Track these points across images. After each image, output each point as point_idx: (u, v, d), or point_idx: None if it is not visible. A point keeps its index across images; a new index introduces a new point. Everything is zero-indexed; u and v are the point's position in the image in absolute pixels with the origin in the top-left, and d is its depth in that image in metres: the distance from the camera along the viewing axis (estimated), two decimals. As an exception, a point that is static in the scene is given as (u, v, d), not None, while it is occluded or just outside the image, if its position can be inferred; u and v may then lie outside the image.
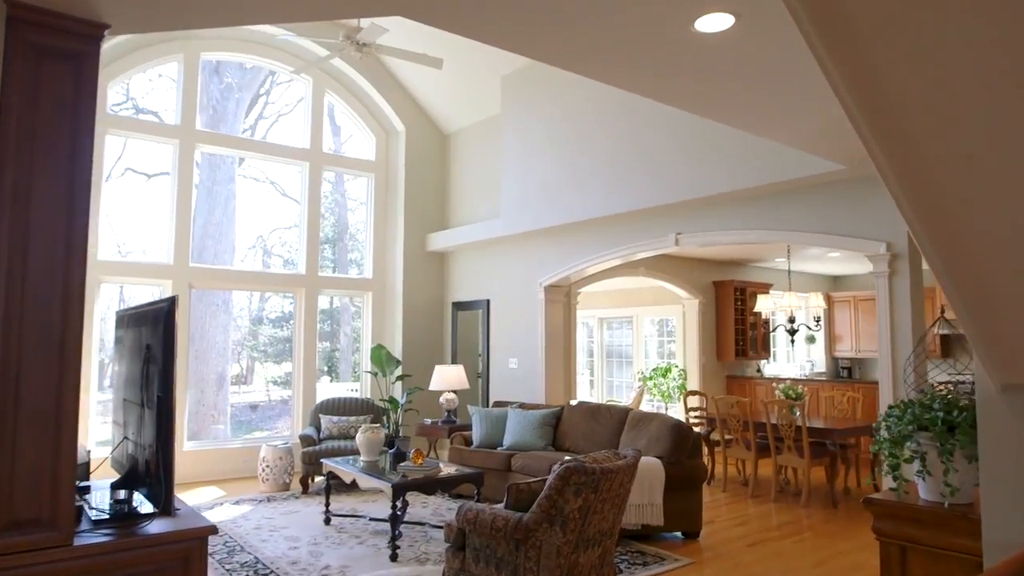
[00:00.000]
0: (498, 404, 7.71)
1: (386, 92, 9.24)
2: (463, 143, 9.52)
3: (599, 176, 7.00)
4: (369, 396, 9.09)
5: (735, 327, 10.47)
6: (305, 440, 7.29)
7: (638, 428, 6.04)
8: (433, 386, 7.93)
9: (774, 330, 8.03)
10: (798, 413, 7.20)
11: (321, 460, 6.29)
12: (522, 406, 7.45)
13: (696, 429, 6.80)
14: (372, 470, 5.57)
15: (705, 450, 7.38)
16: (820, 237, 5.45)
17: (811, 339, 12.69)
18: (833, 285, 12.98)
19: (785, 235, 5.66)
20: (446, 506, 6.62)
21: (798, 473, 7.60)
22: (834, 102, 3.71)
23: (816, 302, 7.63)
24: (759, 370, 11.08)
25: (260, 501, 6.79)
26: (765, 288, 11.05)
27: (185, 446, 7.82)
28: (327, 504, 5.98)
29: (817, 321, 7.66)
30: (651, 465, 5.44)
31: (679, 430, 5.61)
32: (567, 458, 3.98)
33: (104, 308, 7.88)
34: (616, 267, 8.91)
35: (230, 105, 10.19)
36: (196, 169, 8.27)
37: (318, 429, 7.76)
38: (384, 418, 8.24)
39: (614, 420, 6.50)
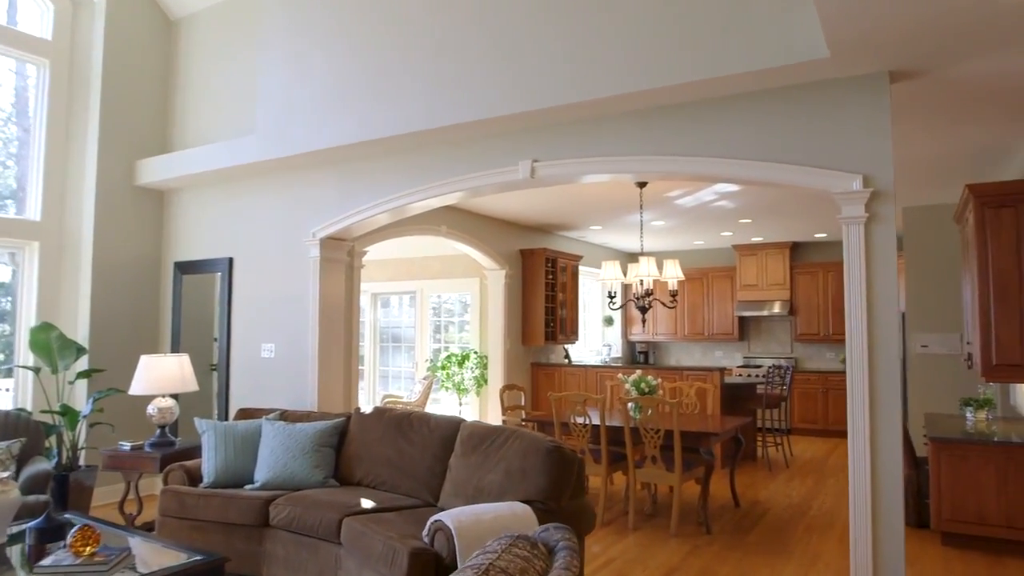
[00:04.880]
0: (245, 414, 5.07)
1: (69, -67, 5.95)
2: (200, 31, 6.53)
3: (412, 74, 4.69)
4: (27, 407, 5.81)
5: (545, 305, 8.78)
6: None
7: (484, 452, 3.88)
8: (137, 389, 4.98)
9: (621, 306, 6.42)
10: (650, 412, 5.61)
11: None
12: (284, 416, 4.91)
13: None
14: (-20, 573, 2.74)
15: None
16: (762, 167, 3.74)
17: (609, 321, 11.55)
18: (629, 261, 11.98)
19: (709, 163, 3.86)
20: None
21: (653, 489, 6.02)
22: None
23: (673, 272, 6.10)
24: (567, 356, 9.55)
25: None
26: (576, 260, 9.53)
27: None
28: None
29: (674, 296, 6.15)
30: (519, 516, 3.33)
31: (558, 457, 3.55)
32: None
33: None
34: (413, 222, 6.66)
35: None
36: None
37: (-87, 468, 4.46)
38: (49, 443, 5.13)
39: (436, 438, 4.28)
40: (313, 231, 5.54)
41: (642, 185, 6.24)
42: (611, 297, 6.20)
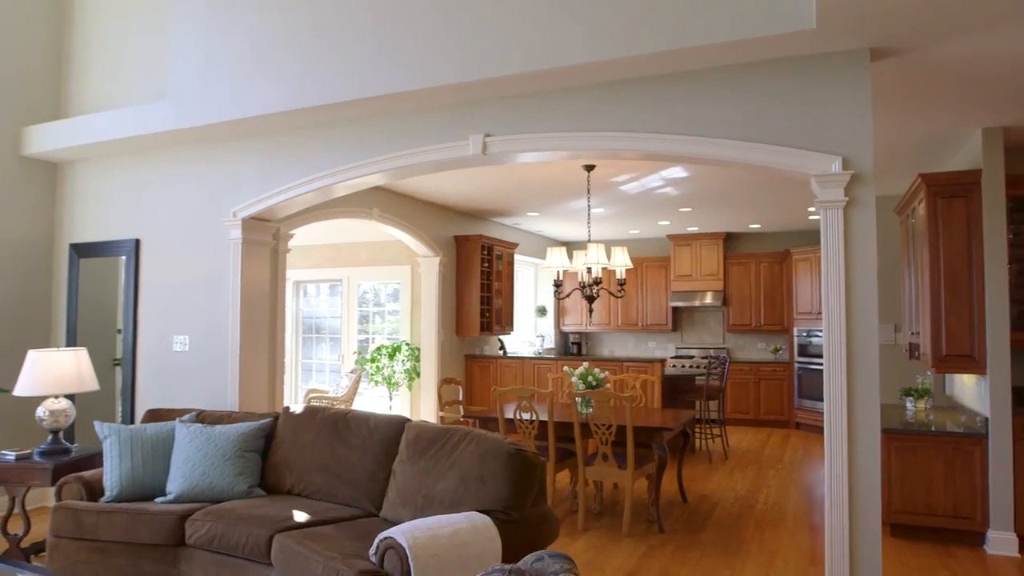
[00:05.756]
0: (155, 416, 4.49)
1: None
2: (97, -15, 5.80)
3: (347, 35, 4.22)
4: None
5: (481, 294, 8.42)
6: None
7: (434, 456, 3.49)
8: (24, 388, 4.30)
9: (567, 295, 6.14)
10: (600, 406, 5.36)
11: None
12: (201, 418, 4.37)
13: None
14: None
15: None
16: (734, 146, 3.49)
17: (542, 311, 11.30)
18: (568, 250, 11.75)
19: (678, 142, 3.59)
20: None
21: (599, 487, 5.76)
22: None
23: (622, 260, 5.85)
24: (502, 347, 9.22)
25: None
26: (512, 247, 9.21)
27: None
28: None
29: (621, 286, 5.90)
30: (479, 529, 2.97)
31: (520, 461, 3.21)
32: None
33: None
34: (343, 204, 6.20)
35: None
36: None
37: None
38: (-86, 451, 4.40)
39: (377, 440, 3.86)
40: (234, 210, 4.98)
41: (590, 168, 5.96)
42: (557, 286, 5.90)
